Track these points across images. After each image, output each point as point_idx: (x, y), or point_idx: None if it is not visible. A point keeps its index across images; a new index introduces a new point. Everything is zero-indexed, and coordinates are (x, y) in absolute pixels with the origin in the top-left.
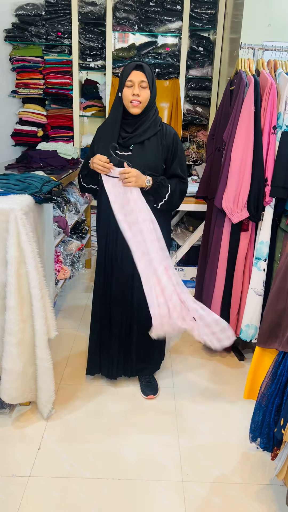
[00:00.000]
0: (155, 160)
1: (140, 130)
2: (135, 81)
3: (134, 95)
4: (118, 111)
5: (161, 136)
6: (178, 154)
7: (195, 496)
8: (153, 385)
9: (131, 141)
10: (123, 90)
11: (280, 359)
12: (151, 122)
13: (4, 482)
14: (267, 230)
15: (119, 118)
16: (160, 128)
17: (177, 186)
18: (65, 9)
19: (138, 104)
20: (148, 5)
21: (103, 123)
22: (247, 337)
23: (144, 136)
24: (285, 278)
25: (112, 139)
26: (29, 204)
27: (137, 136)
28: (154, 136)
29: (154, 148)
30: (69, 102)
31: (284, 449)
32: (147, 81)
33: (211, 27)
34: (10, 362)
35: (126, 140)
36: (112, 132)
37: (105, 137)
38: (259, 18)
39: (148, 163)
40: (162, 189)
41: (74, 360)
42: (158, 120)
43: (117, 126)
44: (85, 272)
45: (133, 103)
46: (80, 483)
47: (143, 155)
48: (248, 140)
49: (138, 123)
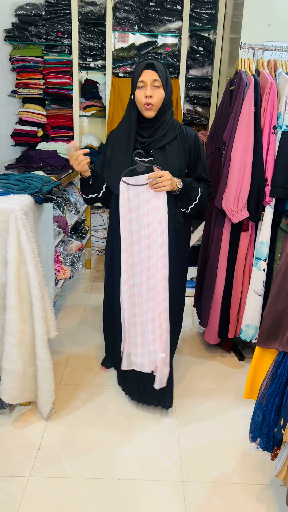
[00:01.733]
0: (178, 164)
1: (159, 134)
2: (147, 81)
3: (147, 97)
4: (132, 115)
5: (182, 140)
6: (201, 157)
7: (195, 496)
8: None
9: (150, 146)
10: (136, 93)
11: (280, 359)
12: (169, 125)
13: (4, 482)
14: (267, 230)
15: (134, 123)
16: (180, 131)
17: (205, 189)
18: (65, 9)
19: (151, 106)
20: (148, 5)
21: (116, 128)
22: (247, 337)
23: (164, 140)
24: (285, 278)
25: (128, 145)
26: (29, 204)
27: (157, 141)
28: (175, 139)
29: (176, 152)
30: (69, 102)
31: (284, 449)
32: (160, 80)
33: (211, 27)
34: (10, 362)
35: (145, 146)
36: (128, 137)
37: (120, 144)
38: (259, 18)
39: (172, 169)
40: (192, 191)
41: (74, 360)
42: (176, 123)
43: (133, 131)
44: (85, 272)
45: (145, 106)
46: (80, 483)
47: (166, 160)
48: (248, 140)
49: (154, 127)
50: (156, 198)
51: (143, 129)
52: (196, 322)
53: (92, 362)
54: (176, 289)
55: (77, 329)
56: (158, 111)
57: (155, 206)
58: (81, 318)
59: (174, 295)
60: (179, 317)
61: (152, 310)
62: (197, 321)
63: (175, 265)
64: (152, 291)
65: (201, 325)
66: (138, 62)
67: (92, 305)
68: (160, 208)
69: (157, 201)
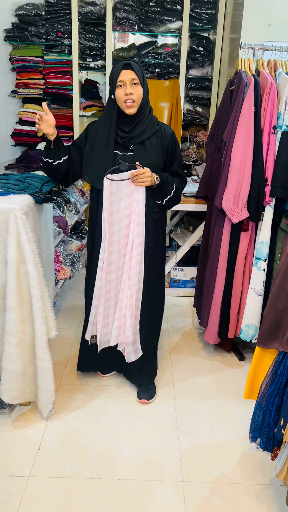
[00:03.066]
0: (156, 159)
1: (139, 130)
2: (126, 80)
3: (128, 94)
4: (112, 112)
5: (161, 136)
6: (177, 154)
7: (195, 496)
8: (151, 389)
9: (131, 141)
10: (116, 92)
11: (280, 359)
12: (148, 121)
13: (4, 482)
14: (267, 230)
15: (114, 119)
16: (158, 127)
17: (179, 184)
18: (65, 9)
19: (133, 103)
20: (148, 5)
21: (95, 123)
22: (247, 337)
23: (143, 135)
24: (285, 278)
25: (109, 141)
26: (29, 204)
27: (137, 136)
28: (154, 135)
29: (155, 147)
30: (69, 102)
31: (284, 449)
32: (137, 78)
33: (211, 27)
34: (10, 362)
35: (125, 141)
36: (108, 133)
37: (101, 139)
38: (259, 18)
39: (151, 163)
40: (168, 186)
41: (74, 360)
42: (154, 119)
43: (113, 127)
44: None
45: (127, 103)
46: (80, 483)
47: (146, 155)
48: (248, 140)
49: (135, 122)
50: (136, 192)
51: (124, 125)
52: (196, 322)
53: None
54: (154, 274)
55: (77, 329)
56: (139, 107)
57: (135, 199)
58: (81, 318)
59: (153, 281)
60: (158, 301)
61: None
62: (197, 321)
63: (153, 252)
64: (125, 274)
65: (201, 325)
66: (115, 64)
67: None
68: (139, 201)
69: (137, 194)
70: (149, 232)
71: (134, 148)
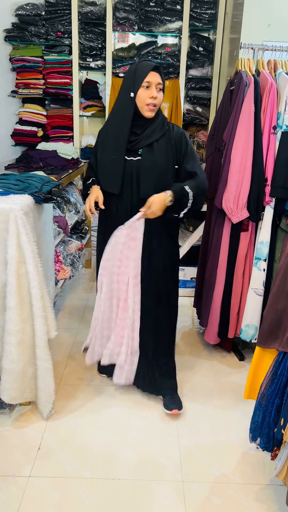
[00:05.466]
0: (165, 162)
1: (148, 132)
2: (153, 82)
3: (152, 98)
4: (128, 112)
5: (169, 137)
6: (188, 152)
7: (195, 496)
8: (177, 399)
9: (139, 144)
10: (139, 91)
11: (280, 359)
12: (157, 122)
13: (4, 482)
14: (267, 230)
15: (129, 120)
16: (168, 127)
17: (198, 187)
18: (65, 9)
19: (154, 107)
20: (148, 5)
21: (106, 124)
22: (247, 337)
23: (152, 137)
24: (285, 278)
25: (121, 144)
26: (29, 204)
27: (145, 138)
28: (162, 137)
29: (164, 149)
30: (69, 102)
31: (284, 449)
32: (162, 84)
33: (211, 27)
34: (10, 362)
35: (133, 144)
36: (120, 135)
37: (111, 141)
38: (259, 18)
39: (159, 166)
40: (183, 199)
41: (74, 360)
42: (164, 120)
43: (127, 130)
44: (85, 272)
45: (149, 106)
46: (80, 483)
47: (153, 158)
48: (248, 140)
49: (147, 125)
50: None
51: (137, 127)
52: (196, 322)
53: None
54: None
55: (77, 329)
56: (157, 112)
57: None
58: (81, 318)
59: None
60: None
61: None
62: (197, 321)
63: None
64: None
65: (201, 325)
66: (140, 61)
67: (92, 305)
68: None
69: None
70: (154, 254)
71: (142, 152)
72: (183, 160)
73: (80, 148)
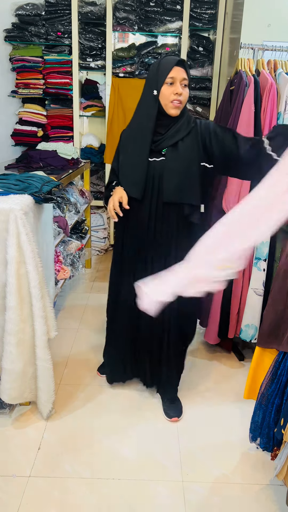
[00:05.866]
0: (190, 162)
1: (172, 131)
2: (177, 78)
3: (177, 94)
4: (151, 111)
5: (196, 133)
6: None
7: (195, 496)
8: (178, 405)
9: (163, 144)
10: (162, 88)
11: (280, 359)
12: (183, 120)
13: (4, 482)
14: None
15: (153, 119)
16: (194, 125)
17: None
18: (65, 9)
19: (179, 104)
20: (148, 5)
21: (129, 126)
22: (247, 337)
23: (176, 136)
24: (285, 278)
25: (145, 145)
26: (29, 204)
27: (169, 137)
28: (188, 135)
29: (189, 148)
30: (69, 102)
31: (284, 449)
32: (188, 79)
33: (211, 27)
34: (10, 362)
35: (157, 144)
36: (144, 134)
37: (134, 142)
38: (259, 18)
39: (183, 167)
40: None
41: (74, 360)
42: (190, 118)
43: (150, 130)
44: (85, 272)
45: (174, 103)
46: (80, 483)
47: (178, 158)
48: None
49: (172, 124)
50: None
51: (161, 127)
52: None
53: (92, 362)
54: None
55: (77, 329)
56: (182, 109)
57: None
58: (81, 318)
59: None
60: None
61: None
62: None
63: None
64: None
65: (201, 325)
66: (163, 56)
67: (92, 305)
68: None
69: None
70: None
71: (166, 152)
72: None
73: (80, 148)
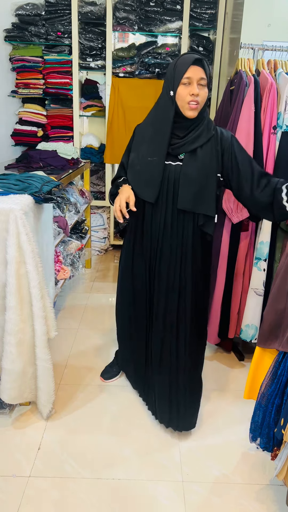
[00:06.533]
0: (208, 171)
1: (192, 136)
2: (194, 78)
3: (193, 95)
4: (168, 113)
5: (216, 142)
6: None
7: (195, 496)
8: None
9: (181, 149)
10: (178, 89)
11: (280, 359)
12: (203, 125)
13: (4, 482)
14: (267, 230)
15: (170, 122)
16: (214, 132)
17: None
18: (65, 9)
19: (197, 105)
20: (148, 5)
21: (144, 124)
22: (247, 337)
23: (196, 143)
24: (285, 278)
25: (162, 147)
26: (29, 204)
27: (188, 143)
28: (208, 142)
29: (208, 157)
30: (69, 102)
31: (284, 449)
32: (206, 78)
33: (211, 27)
34: (10, 362)
35: (175, 148)
36: (161, 138)
37: (150, 144)
38: (259, 18)
39: (201, 176)
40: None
41: (74, 360)
42: (211, 124)
43: (167, 131)
44: (85, 272)
45: (191, 105)
46: (80, 483)
47: (196, 166)
48: (248, 140)
49: (191, 127)
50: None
51: (179, 129)
52: None
53: (92, 362)
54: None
55: (77, 329)
56: (200, 110)
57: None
58: (81, 318)
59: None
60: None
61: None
62: None
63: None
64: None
65: None
66: (181, 55)
67: (92, 305)
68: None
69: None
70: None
71: (184, 158)
72: (238, 166)
73: (80, 148)
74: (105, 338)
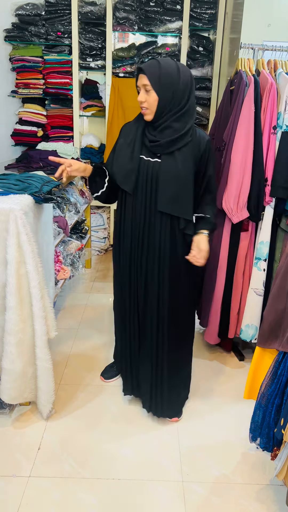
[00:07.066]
0: (186, 171)
1: (166, 139)
2: (140, 85)
3: (140, 102)
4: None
5: (193, 145)
6: (211, 164)
7: (195, 496)
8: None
9: (158, 149)
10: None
11: (280, 359)
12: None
13: (4, 482)
14: (267, 230)
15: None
16: (192, 137)
17: (214, 211)
18: (65, 9)
19: (146, 110)
20: (148, 5)
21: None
22: (247, 337)
23: (174, 146)
24: (285, 278)
25: (135, 142)
26: (29, 204)
27: (165, 145)
28: (186, 146)
29: (186, 158)
30: (69, 102)
31: (284, 449)
32: (150, 84)
33: (211, 27)
34: (10, 362)
35: (153, 145)
36: (136, 131)
37: (129, 136)
38: (259, 18)
39: (179, 175)
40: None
41: (74, 360)
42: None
43: (141, 128)
44: (85, 272)
45: (142, 110)
46: (80, 483)
47: (175, 165)
48: (248, 140)
49: (159, 128)
50: None
51: (151, 128)
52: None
53: (92, 362)
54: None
55: (77, 329)
56: (155, 114)
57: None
58: (81, 318)
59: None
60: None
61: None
62: (197, 321)
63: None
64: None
65: (201, 325)
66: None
67: (92, 305)
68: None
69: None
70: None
71: (162, 158)
72: (205, 173)
73: (80, 148)
74: (105, 338)
